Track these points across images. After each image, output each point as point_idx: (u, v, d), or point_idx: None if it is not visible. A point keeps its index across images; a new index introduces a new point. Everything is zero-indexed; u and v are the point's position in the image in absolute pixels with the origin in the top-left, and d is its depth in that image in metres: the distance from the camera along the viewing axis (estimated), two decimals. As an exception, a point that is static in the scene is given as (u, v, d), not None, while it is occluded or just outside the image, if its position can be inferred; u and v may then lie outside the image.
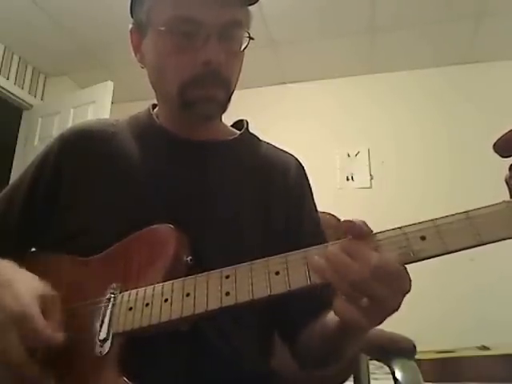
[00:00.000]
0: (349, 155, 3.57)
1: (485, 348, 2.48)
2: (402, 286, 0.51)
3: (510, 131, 0.51)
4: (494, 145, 0.51)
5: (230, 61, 0.77)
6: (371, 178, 3.48)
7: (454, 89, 3.48)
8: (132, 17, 0.84)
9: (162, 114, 0.86)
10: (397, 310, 0.52)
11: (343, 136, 3.61)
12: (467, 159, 3.28)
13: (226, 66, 0.75)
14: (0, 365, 0.62)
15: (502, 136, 0.51)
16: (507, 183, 0.50)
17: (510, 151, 0.51)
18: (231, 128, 0.92)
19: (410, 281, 0.51)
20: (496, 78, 3.41)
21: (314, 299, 0.68)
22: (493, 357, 2.30)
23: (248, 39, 0.79)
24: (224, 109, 0.81)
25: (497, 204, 0.50)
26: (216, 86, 0.76)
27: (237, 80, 0.82)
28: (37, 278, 0.66)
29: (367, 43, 3.38)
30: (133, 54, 0.84)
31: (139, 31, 0.82)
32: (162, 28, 0.75)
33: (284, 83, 3.86)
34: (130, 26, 0.83)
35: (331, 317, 0.64)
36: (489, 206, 0.50)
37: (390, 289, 0.50)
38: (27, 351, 0.59)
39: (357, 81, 3.71)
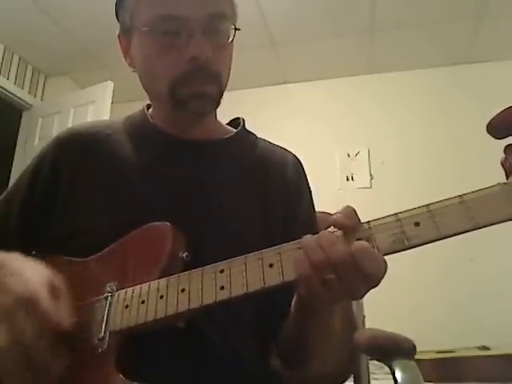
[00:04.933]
0: (349, 155, 3.56)
1: (485, 348, 2.47)
2: (374, 280, 0.51)
3: (502, 111, 0.50)
4: (487, 126, 0.50)
5: (218, 54, 0.76)
6: (371, 178, 3.48)
7: (455, 89, 3.48)
8: (118, 21, 0.83)
9: (156, 114, 0.86)
10: (358, 298, 0.53)
11: (343, 136, 3.60)
12: (468, 159, 3.27)
13: (214, 60, 0.75)
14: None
15: (495, 116, 0.50)
16: (503, 165, 0.49)
17: (504, 132, 0.49)
18: (227, 126, 0.92)
19: (380, 278, 0.51)
20: (497, 78, 3.40)
21: (290, 297, 0.67)
22: (493, 357, 2.29)
23: (234, 30, 0.78)
24: (217, 104, 0.80)
25: (491, 186, 0.49)
26: (206, 81, 0.76)
27: (228, 73, 0.81)
28: (42, 266, 0.65)
29: (367, 43, 3.38)
30: (123, 59, 0.84)
31: (126, 35, 0.82)
32: (145, 29, 0.75)
33: (284, 83, 3.86)
34: (117, 30, 0.84)
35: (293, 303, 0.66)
36: (483, 189, 0.49)
37: (361, 277, 0.50)
38: (36, 333, 0.57)
39: (357, 81, 3.71)
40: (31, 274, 0.62)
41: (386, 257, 0.51)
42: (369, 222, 0.53)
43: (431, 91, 3.53)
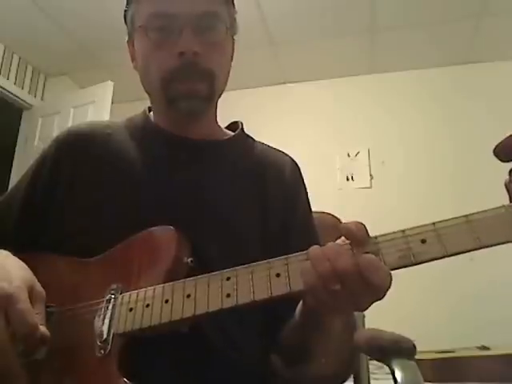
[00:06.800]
0: (349, 155, 3.56)
1: (485, 348, 2.47)
2: (379, 292, 0.51)
3: (509, 136, 0.52)
4: (494, 150, 0.52)
5: (210, 52, 0.77)
6: (371, 178, 3.48)
7: (455, 89, 3.48)
8: (127, 27, 0.86)
9: (157, 114, 0.86)
10: (363, 310, 0.54)
11: (343, 136, 3.60)
12: (468, 159, 3.27)
13: (204, 57, 0.76)
14: None
15: (502, 141, 0.52)
16: (507, 187, 0.50)
17: (510, 156, 0.51)
18: (226, 130, 0.92)
19: (386, 291, 0.51)
20: (497, 78, 3.40)
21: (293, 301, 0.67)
22: (493, 357, 2.29)
23: (226, 30, 0.80)
24: (210, 103, 0.81)
25: (496, 208, 0.50)
26: (197, 79, 0.76)
27: (225, 72, 0.82)
28: (28, 268, 0.65)
29: (367, 43, 3.38)
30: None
31: (131, 39, 0.84)
32: (140, 26, 0.78)
33: (284, 83, 3.85)
34: (126, 37, 0.86)
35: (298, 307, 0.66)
36: (488, 210, 0.50)
37: (366, 288, 0.50)
38: (10, 335, 0.55)
39: (357, 81, 3.70)
40: (14, 272, 0.61)
41: None
42: (376, 237, 0.53)
43: (431, 91, 3.53)
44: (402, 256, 0.51)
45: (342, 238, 0.55)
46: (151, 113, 0.89)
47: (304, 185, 0.90)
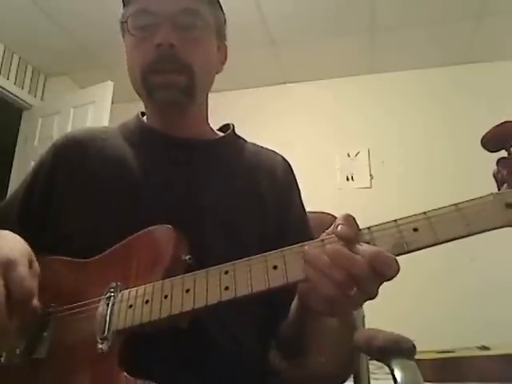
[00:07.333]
0: (349, 155, 3.57)
1: (485, 348, 2.48)
2: (389, 276, 0.50)
3: (495, 127, 0.53)
4: (482, 140, 0.53)
5: (189, 47, 0.79)
6: (371, 178, 3.49)
7: (455, 89, 3.48)
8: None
9: (149, 117, 0.88)
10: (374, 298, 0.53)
11: (343, 136, 3.61)
12: (468, 159, 3.27)
13: (183, 51, 0.78)
14: None
15: (489, 131, 0.53)
16: (495, 177, 0.52)
17: (497, 146, 0.52)
18: (218, 132, 0.93)
19: (398, 271, 0.50)
20: (497, 78, 3.41)
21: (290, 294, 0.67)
22: (493, 357, 2.29)
23: (206, 28, 0.82)
24: (190, 97, 0.81)
25: (485, 196, 0.52)
26: (174, 70, 0.78)
27: (206, 69, 0.83)
28: (26, 244, 0.67)
29: (368, 43, 3.38)
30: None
31: (124, 42, 0.86)
32: (125, 23, 0.81)
33: (284, 83, 3.86)
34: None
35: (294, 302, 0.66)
36: (477, 198, 0.52)
37: (379, 280, 0.51)
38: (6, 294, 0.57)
39: (357, 81, 3.71)
40: (17, 246, 0.64)
41: None
42: (369, 227, 0.54)
43: (431, 91, 3.53)
44: (395, 245, 0.52)
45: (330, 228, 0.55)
46: (144, 117, 0.90)
47: (297, 184, 0.91)
